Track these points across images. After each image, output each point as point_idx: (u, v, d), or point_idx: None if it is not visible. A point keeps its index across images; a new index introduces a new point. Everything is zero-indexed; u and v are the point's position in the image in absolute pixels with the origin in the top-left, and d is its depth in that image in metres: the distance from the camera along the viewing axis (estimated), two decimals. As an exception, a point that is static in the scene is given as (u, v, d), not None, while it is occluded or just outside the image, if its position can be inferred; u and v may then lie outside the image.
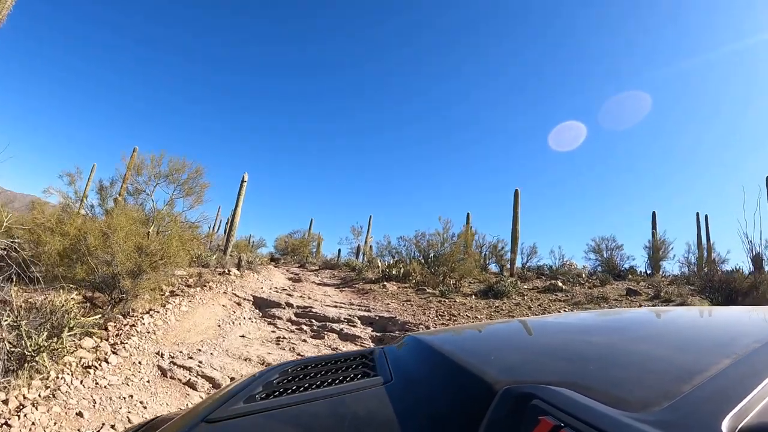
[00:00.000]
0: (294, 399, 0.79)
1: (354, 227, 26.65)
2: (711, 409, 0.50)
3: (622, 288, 14.26)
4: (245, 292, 10.12)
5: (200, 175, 11.80)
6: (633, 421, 0.47)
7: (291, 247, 25.61)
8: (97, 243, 7.48)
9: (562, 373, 0.74)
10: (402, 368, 0.89)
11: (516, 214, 19.73)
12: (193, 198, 11.40)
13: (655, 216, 21.82)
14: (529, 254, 21.31)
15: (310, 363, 0.99)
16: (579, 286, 14.78)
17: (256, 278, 12.50)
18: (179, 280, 11.51)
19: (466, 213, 20.56)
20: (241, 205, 20.18)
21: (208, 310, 8.20)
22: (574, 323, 1.35)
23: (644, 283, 16.21)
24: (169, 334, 6.59)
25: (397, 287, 12.53)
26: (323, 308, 9.31)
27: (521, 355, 0.95)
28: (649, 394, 0.57)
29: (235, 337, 7.09)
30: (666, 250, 20.81)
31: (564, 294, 12.96)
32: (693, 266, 19.93)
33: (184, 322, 7.16)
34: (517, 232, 19.46)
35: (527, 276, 17.16)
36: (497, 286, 12.07)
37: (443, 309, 9.63)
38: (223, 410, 0.77)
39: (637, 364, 0.77)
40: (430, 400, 0.73)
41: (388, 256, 24.57)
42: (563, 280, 15.00)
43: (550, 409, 0.53)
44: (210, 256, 14.83)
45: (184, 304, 8.00)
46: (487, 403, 0.61)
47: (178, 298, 8.37)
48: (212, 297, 9.14)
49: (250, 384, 0.88)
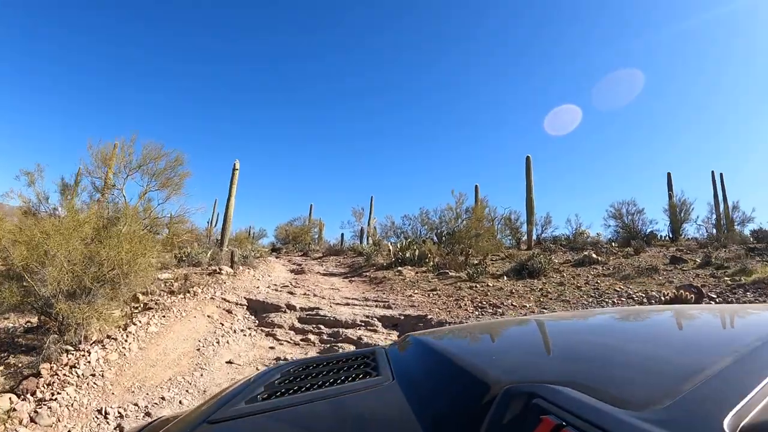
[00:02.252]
0: (296, 399, 0.75)
1: (355, 209, 24.67)
2: (712, 407, 0.48)
3: (659, 255, 12.33)
4: (237, 295, 8.06)
5: (179, 164, 9.57)
6: (635, 419, 0.45)
7: (292, 236, 23.57)
8: (31, 255, 5.37)
9: (563, 373, 0.71)
10: (403, 368, 0.85)
11: (529, 182, 17.58)
12: (169, 190, 9.19)
13: (671, 177, 19.65)
14: (543, 224, 19.22)
15: (312, 363, 0.95)
16: (612, 256, 12.78)
17: (252, 275, 10.44)
18: (162, 285, 9.46)
19: (474, 185, 18.36)
20: (234, 194, 17.97)
21: (187, 326, 6.14)
22: (574, 323, 1.33)
23: (673, 247, 14.32)
24: (124, 374, 4.54)
25: (415, 272, 10.49)
26: (333, 308, 7.27)
27: (522, 355, 0.92)
28: (650, 393, 0.55)
29: (219, 365, 5.05)
30: (688, 212, 18.78)
31: (603, 267, 10.97)
32: (712, 227, 18.16)
33: (150, 350, 5.11)
34: (532, 201, 17.35)
35: (549, 248, 15.16)
36: (531, 264, 10.06)
37: (479, 297, 7.63)
38: (224, 411, 0.74)
39: (638, 363, 0.74)
40: (431, 400, 0.69)
41: (394, 237, 22.64)
42: (595, 250, 13.00)
43: (551, 408, 0.50)
44: (201, 252, 12.73)
45: (155, 322, 5.94)
46: (488, 402, 0.59)
47: (149, 313, 6.30)
48: (195, 306, 7.07)
49: (251, 385, 0.85)
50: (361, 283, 10.11)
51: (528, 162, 17.57)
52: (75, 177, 9.49)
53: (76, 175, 9.35)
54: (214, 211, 24.63)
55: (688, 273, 9.38)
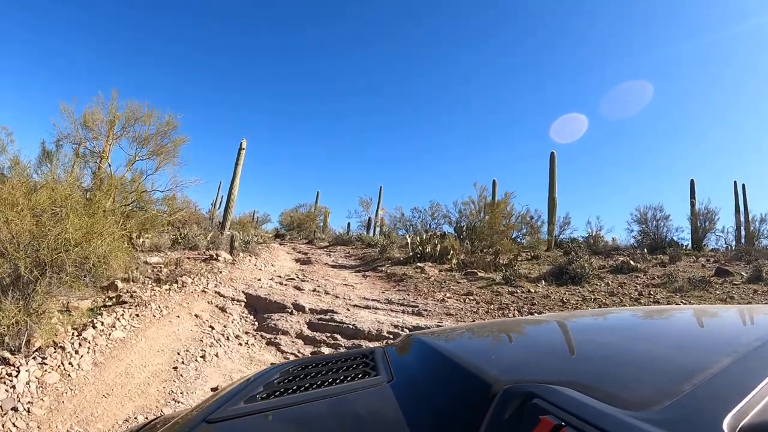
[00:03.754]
0: (295, 399, 0.73)
1: (362, 199, 23.20)
2: (712, 407, 0.47)
3: (696, 265, 10.84)
4: (235, 288, 6.54)
5: (172, 128, 7.95)
6: (634, 419, 0.44)
7: (297, 222, 22.05)
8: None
9: (562, 373, 0.69)
10: (403, 368, 0.82)
11: (553, 179, 15.92)
12: (160, 158, 7.60)
13: (694, 184, 17.99)
14: (561, 225, 17.64)
15: (311, 363, 0.92)
16: (645, 263, 11.27)
17: (254, 264, 8.92)
18: (150, 270, 7.93)
19: (492, 180, 16.69)
20: (239, 175, 16.39)
21: (166, 329, 4.62)
22: (574, 323, 1.25)
23: (703, 258, 12.82)
24: (62, 410, 3.01)
25: (438, 271, 8.96)
26: (351, 312, 5.75)
27: (522, 354, 0.90)
28: (650, 393, 0.53)
29: (202, 393, 3.51)
30: (713, 221, 17.24)
31: (645, 275, 9.46)
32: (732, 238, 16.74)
33: (108, 369, 3.58)
34: (554, 200, 15.70)
35: (575, 251, 13.61)
36: (572, 268, 8.54)
37: (525, 306, 6.12)
38: (223, 410, 0.71)
39: (637, 363, 0.72)
40: (431, 399, 0.67)
41: (403, 230, 21.19)
42: (632, 257, 11.46)
43: (550, 408, 0.48)
44: (199, 235, 11.19)
45: (123, 324, 4.42)
46: (488, 402, 0.56)
47: (119, 310, 4.78)
48: (182, 301, 5.56)
49: (250, 384, 0.82)
50: (377, 279, 8.58)
51: (552, 158, 15.91)
52: (55, 143, 7.90)
53: (56, 141, 7.77)
54: (218, 193, 23.16)
55: (742, 288, 7.88)
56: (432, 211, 20.52)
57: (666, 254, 13.18)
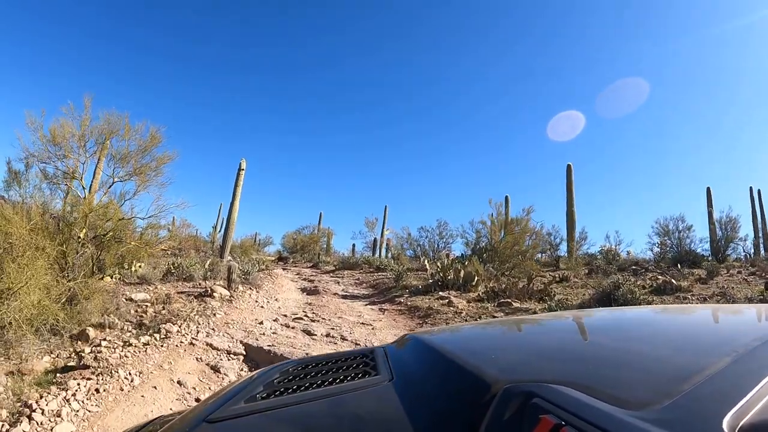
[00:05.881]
0: (295, 398, 0.70)
1: (368, 219, 22.04)
2: (712, 407, 0.46)
3: (735, 280, 9.62)
4: (231, 336, 5.20)
5: (157, 143, 6.73)
6: (634, 419, 0.43)
7: (300, 245, 20.72)
8: None
9: (562, 372, 0.67)
10: (403, 368, 0.79)
11: (570, 193, 14.73)
12: (139, 179, 6.35)
13: (710, 192, 16.90)
14: (578, 241, 16.38)
15: (311, 363, 0.89)
16: (683, 280, 9.98)
17: (255, 299, 7.57)
18: (134, 310, 6.57)
19: (505, 196, 15.52)
20: (239, 196, 15.15)
21: (135, 411, 3.26)
22: (574, 323, 1.24)
23: (733, 269, 11.55)
24: None
25: (466, 301, 7.61)
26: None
27: (522, 354, 0.87)
28: (649, 393, 0.51)
29: None
30: (735, 230, 16.07)
31: (692, 296, 8.18)
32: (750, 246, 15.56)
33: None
34: (573, 215, 14.47)
35: (600, 268, 12.30)
36: (619, 294, 7.23)
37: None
38: (224, 410, 0.69)
39: (637, 363, 0.70)
40: (431, 399, 0.65)
41: (411, 251, 19.91)
42: (669, 273, 10.17)
43: (551, 407, 0.47)
44: (193, 264, 9.85)
45: (72, 410, 3.08)
46: (487, 402, 0.55)
47: (72, 384, 3.45)
48: (162, 362, 4.22)
49: (250, 384, 0.80)
50: (398, 314, 7.22)
51: (569, 171, 14.78)
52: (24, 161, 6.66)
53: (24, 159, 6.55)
54: (218, 216, 21.94)
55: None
56: (440, 230, 19.32)
57: (701, 267, 11.92)
